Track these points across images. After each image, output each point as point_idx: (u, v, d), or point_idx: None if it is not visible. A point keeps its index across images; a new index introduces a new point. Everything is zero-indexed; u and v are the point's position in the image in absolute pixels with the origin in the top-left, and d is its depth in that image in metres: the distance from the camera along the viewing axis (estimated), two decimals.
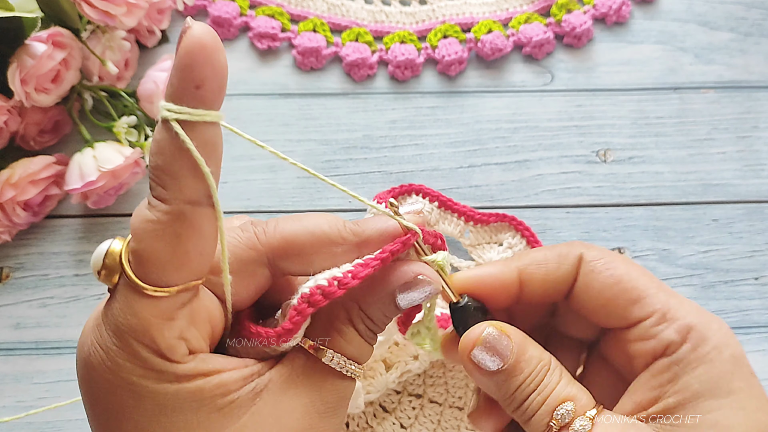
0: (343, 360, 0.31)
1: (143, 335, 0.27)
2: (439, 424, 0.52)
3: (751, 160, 0.64)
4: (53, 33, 0.54)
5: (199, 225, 0.27)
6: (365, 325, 0.32)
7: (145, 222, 0.27)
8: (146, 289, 0.27)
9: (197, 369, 0.29)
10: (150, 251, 0.27)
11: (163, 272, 0.27)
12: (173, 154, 0.26)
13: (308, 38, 0.67)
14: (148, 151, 0.58)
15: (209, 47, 0.25)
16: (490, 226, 0.59)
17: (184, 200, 0.27)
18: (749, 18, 0.70)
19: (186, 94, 0.26)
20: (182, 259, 0.27)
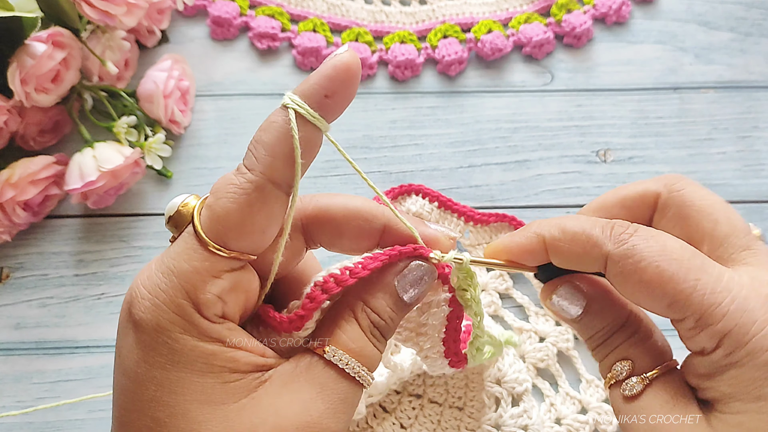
0: (345, 356, 0.31)
1: (187, 281, 0.29)
2: (439, 424, 0.52)
3: (751, 160, 0.64)
4: (53, 33, 0.54)
5: (271, 204, 0.30)
6: (370, 319, 0.33)
7: (228, 184, 0.30)
8: (207, 243, 0.30)
9: (220, 334, 0.30)
10: (222, 210, 0.30)
11: (227, 233, 0.30)
12: (279, 137, 0.30)
13: (308, 38, 0.67)
14: (147, 151, 0.59)
15: (353, 73, 0.30)
16: (490, 226, 0.59)
17: (269, 177, 0.30)
18: (749, 18, 0.70)
19: (314, 96, 0.30)
20: (246, 228, 0.30)
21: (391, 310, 0.33)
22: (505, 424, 0.51)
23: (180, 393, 0.29)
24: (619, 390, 0.34)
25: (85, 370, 0.54)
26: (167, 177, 0.61)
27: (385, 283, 0.33)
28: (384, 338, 0.34)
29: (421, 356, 0.39)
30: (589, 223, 0.33)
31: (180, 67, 0.62)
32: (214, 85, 0.66)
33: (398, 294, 0.33)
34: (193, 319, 0.29)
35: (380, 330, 0.33)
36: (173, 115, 0.61)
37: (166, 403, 0.29)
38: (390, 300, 0.33)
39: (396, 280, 0.33)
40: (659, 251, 0.31)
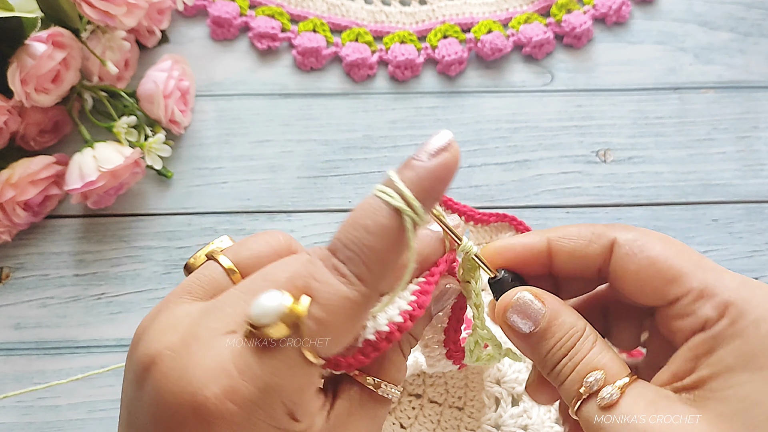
0: (392, 388, 0.32)
1: (290, 399, 0.27)
2: (438, 424, 0.52)
3: (751, 160, 0.64)
4: (53, 33, 0.54)
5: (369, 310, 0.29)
6: (410, 344, 0.33)
7: (342, 297, 0.27)
8: (315, 359, 0.27)
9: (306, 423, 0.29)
10: (335, 326, 0.27)
11: (334, 347, 0.28)
12: (394, 245, 0.27)
13: (308, 38, 0.67)
14: (148, 151, 0.59)
15: (458, 168, 0.29)
16: (491, 226, 0.59)
17: (379, 291, 0.28)
18: (749, 18, 0.70)
19: (428, 201, 0.28)
20: (350, 339, 0.29)
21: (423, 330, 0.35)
22: (505, 424, 0.51)
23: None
24: (594, 402, 0.31)
25: (86, 370, 0.54)
26: (167, 177, 0.61)
27: (427, 313, 0.34)
28: None
29: (421, 345, 0.39)
30: (589, 224, 0.35)
31: (180, 67, 0.62)
32: (214, 85, 0.66)
33: (431, 314, 0.35)
34: (289, 427, 0.27)
35: (413, 348, 0.34)
36: (173, 115, 0.61)
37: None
38: (427, 323, 0.35)
39: (433, 306, 0.34)
40: (663, 238, 0.33)
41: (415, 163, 0.29)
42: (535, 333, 0.33)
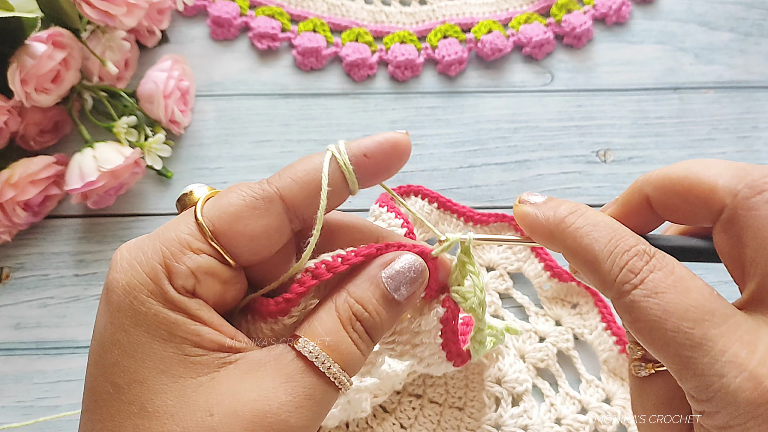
0: (316, 349, 0.30)
1: (167, 246, 0.30)
2: (438, 425, 0.52)
3: (751, 160, 0.64)
4: (53, 33, 0.54)
5: (271, 217, 0.31)
6: (352, 311, 0.31)
7: (244, 185, 0.32)
8: (196, 214, 0.31)
9: (187, 306, 0.30)
10: (225, 200, 0.32)
11: (220, 217, 0.31)
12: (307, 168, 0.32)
13: (308, 38, 0.67)
14: (148, 151, 0.59)
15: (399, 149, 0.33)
16: (490, 226, 0.59)
17: (281, 195, 0.31)
18: (749, 18, 0.70)
19: (355, 150, 0.32)
20: (239, 225, 0.31)
21: (377, 303, 0.32)
22: (505, 424, 0.51)
23: (140, 359, 0.29)
24: (631, 365, 0.34)
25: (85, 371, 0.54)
26: (167, 177, 0.61)
27: (371, 274, 0.32)
28: (369, 337, 0.32)
29: (423, 366, 0.38)
30: (605, 247, 0.31)
31: (180, 67, 0.62)
32: (214, 85, 0.66)
33: (385, 288, 0.32)
34: (162, 285, 0.29)
35: (364, 325, 0.31)
36: (173, 115, 0.61)
37: (126, 368, 0.29)
38: (376, 292, 0.32)
39: (383, 272, 0.32)
40: (658, 316, 0.29)
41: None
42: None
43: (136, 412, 0.28)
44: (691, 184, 0.32)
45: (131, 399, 0.28)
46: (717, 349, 0.27)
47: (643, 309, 0.29)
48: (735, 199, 0.30)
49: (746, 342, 0.28)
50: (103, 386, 0.29)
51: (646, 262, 0.30)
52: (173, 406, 0.28)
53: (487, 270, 0.58)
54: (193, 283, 0.30)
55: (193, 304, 0.30)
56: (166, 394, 0.28)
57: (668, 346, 0.28)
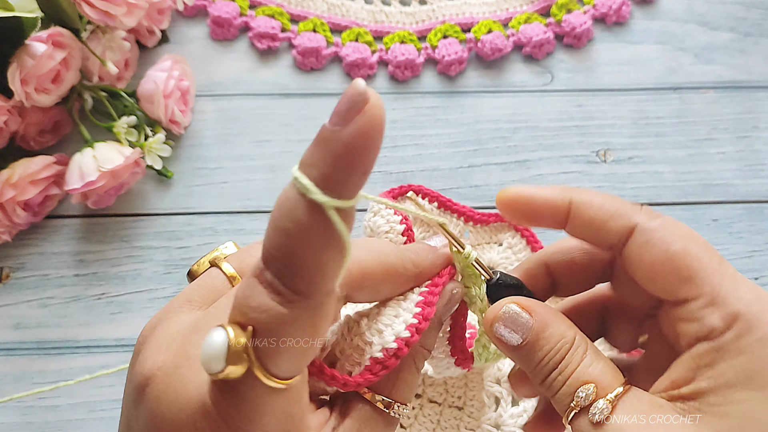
0: (403, 408, 0.31)
1: (278, 427, 0.26)
2: (438, 424, 0.52)
3: (751, 160, 0.64)
4: (53, 33, 0.54)
5: (331, 311, 0.26)
6: (424, 359, 0.33)
7: (284, 322, 0.24)
8: (280, 384, 0.25)
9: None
10: (288, 349, 0.24)
11: (297, 365, 0.26)
12: (324, 245, 0.23)
13: (308, 38, 0.67)
14: (148, 151, 0.59)
15: (383, 129, 0.23)
16: (490, 226, 0.58)
17: (326, 293, 0.25)
18: (749, 18, 0.70)
19: (351, 180, 0.23)
20: (316, 346, 0.26)
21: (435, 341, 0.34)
22: (505, 423, 0.51)
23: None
24: (586, 418, 0.31)
25: (86, 371, 0.54)
26: (167, 177, 0.61)
27: (437, 320, 0.34)
28: None
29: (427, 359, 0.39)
30: (617, 198, 0.33)
31: (180, 67, 0.62)
32: (214, 85, 0.66)
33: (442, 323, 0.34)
34: None
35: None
36: (173, 115, 0.61)
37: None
38: (438, 333, 0.34)
39: (442, 314, 0.34)
40: (688, 232, 0.31)
41: (327, 135, 0.22)
42: (524, 346, 0.32)
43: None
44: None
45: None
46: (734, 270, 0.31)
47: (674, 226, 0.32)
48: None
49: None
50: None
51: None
52: None
53: None
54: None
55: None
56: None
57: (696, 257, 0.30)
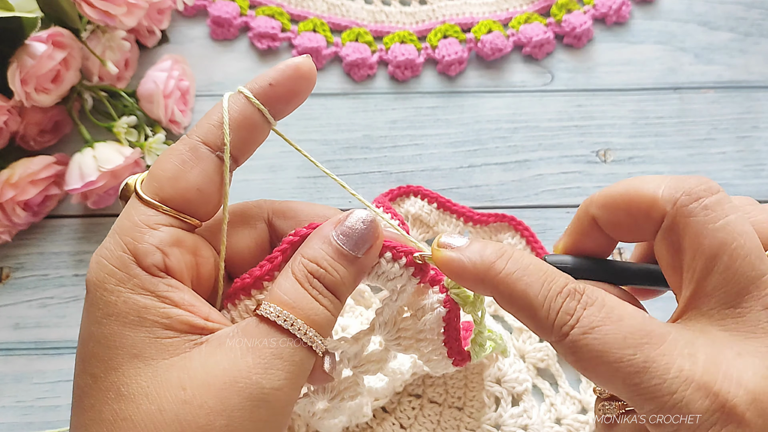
0: (276, 308, 0.31)
1: (126, 234, 0.31)
2: (438, 425, 0.52)
3: (751, 160, 0.64)
4: (53, 33, 0.54)
5: (204, 163, 0.32)
6: (307, 269, 0.32)
7: (168, 148, 0.33)
8: (140, 195, 0.32)
9: (156, 288, 0.30)
10: (158, 168, 0.32)
11: (161, 188, 0.32)
12: (218, 109, 0.33)
13: (308, 38, 0.67)
14: (148, 151, 0.59)
15: (301, 72, 0.34)
16: (490, 226, 0.59)
17: (203, 140, 0.33)
18: (749, 18, 0.70)
19: (260, 81, 0.33)
20: (180, 183, 0.32)
21: (332, 260, 0.32)
22: (505, 423, 0.51)
23: (113, 347, 0.29)
24: (599, 407, 0.33)
25: None
26: None
27: (323, 233, 0.33)
28: (331, 291, 0.32)
29: (424, 360, 0.39)
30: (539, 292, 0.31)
31: (180, 67, 0.62)
32: (214, 85, 0.66)
33: (338, 244, 0.32)
34: (130, 270, 0.30)
35: (322, 280, 0.32)
36: (173, 115, 0.61)
37: (101, 358, 0.30)
38: (329, 249, 0.32)
39: (333, 230, 0.33)
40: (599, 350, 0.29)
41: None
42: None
43: (113, 398, 0.29)
44: (631, 198, 0.33)
45: (108, 386, 0.29)
46: (662, 368, 0.28)
47: (583, 347, 0.29)
48: (674, 207, 0.31)
49: (687, 355, 0.28)
50: (83, 379, 0.30)
51: (578, 301, 0.30)
52: (147, 387, 0.29)
53: None
54: (162, 257, 0.31)
55: (163, 285, 0.31)
56: (139, 377, 0.29)
57: (615, 378, 0.28)
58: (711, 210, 0.30)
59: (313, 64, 0.34)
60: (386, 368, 0.48)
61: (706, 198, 0.31)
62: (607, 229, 0.35)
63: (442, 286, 0.37)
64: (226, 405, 0.28)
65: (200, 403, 0.28)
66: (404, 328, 0.38)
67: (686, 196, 0.31)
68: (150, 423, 0.28)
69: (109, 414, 0.29)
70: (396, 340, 0.38)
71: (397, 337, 0.38)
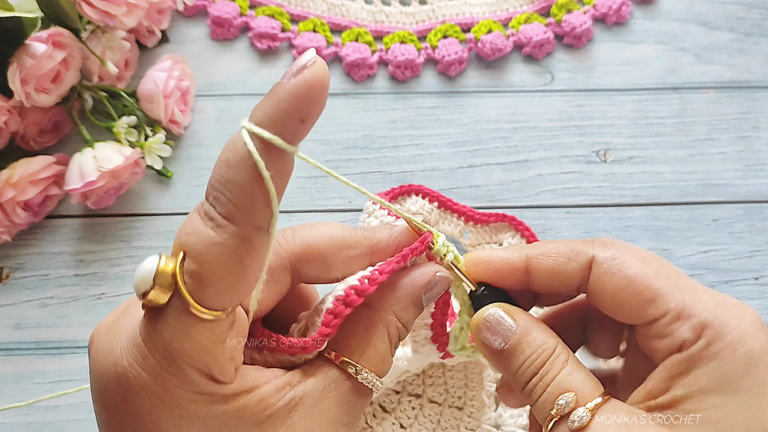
0: (372, 376, 0.31)
1: (199, 361, 0.27)
2: (438, 424, 0.52)
3: (751, 160, 0.64)
4: (53, 33, 0.54)
5: (260, 251, 0.27)
6: (399, 332, 0.32)
7: (211, 244, 0.26)
8: (203, 313, 0.26)
9: (241, 387, 0.29)
10: (213, 275, 0.26)
11: (223, 297, 0.27)
12: (254, 178, 0.25)
13: (308, 38, 0.67)
14: (148, 151, 0.59)
15: (325, 88, 0.26)
16: (490, 226, 0.59)
17: (254, 225, 0.26)
18: (749, 18, 0.70)
19: (289, 124, 0.26)
20: (242, 284, 0.27)
21: (414, 320, 0.33)
22: (505, 423, 0.51)
23: None
24: (565, 425, 0.31)
25: (86, 370, 0.54)
26: (167, 177, 0.61)
27: (415, 296, 0.33)
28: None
29: (410, 343, 0.39)
30: (569, 240, 0.34)
31: (180, 67, 0.62)
32: (214, 85, 0.66)
33: (422, 303, 0.33)
34: (214, 390, 0.28)
35: (401, 339, 0.33)
36: (173, 115, 0.61)
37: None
38: (418, 312, 0.33)
39: (425, 295, 0.33)
40: (642, 255, 0.32)
41: (275, 86, 0.26)
42: (505, 350, 0.33)
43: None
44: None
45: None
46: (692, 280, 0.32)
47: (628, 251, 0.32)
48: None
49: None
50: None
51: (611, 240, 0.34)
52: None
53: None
54: (233, 363, 0.29)
55: (241, 378, 0.29)
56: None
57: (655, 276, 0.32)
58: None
59: (326, 65, 0.27)
60: None
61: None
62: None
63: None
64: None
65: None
66: None
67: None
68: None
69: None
70: None
71: None
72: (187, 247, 0.26)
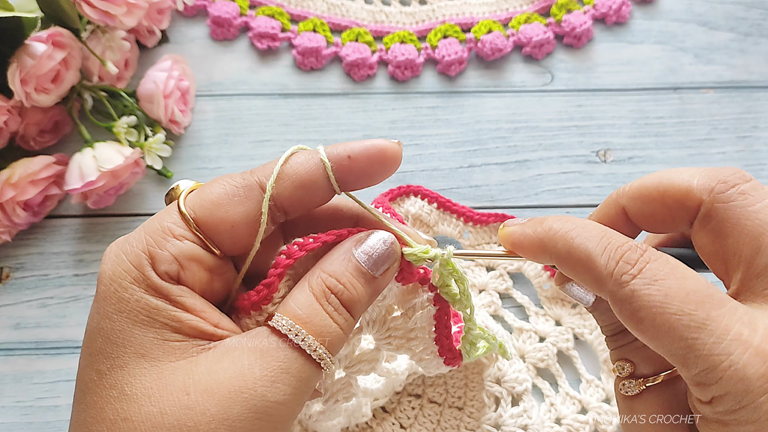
0: (288, 321, 0.31)
1: (151, 235, 0.31)
2: (438, 424, 0.52)
3: (751, 160, 0.64)
4: (53, 33, 0.54)
5: (250, 203, 0.32)
6: (325, 284, 0.32)
7: (226, 176, 0.33)
8: (179, 203, 0.32)
9: (169, 292, 0.30)
10: (207, 189, 0.33)
11: (201, 205, 0.32)
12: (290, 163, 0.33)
13: (308, 38, 0.67)
14: (147, 151, 0.59)
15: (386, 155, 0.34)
16: (489, 226, 0.59)
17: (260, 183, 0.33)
18: (749, 18, 0.70)
19: (339, 152, 0.33)
20: (219, 212, 0.32)
21: (351, 277, 0.32)
22: (505, 423, 0.51)
23: (121, 344, 0.30)
24: (619, 385, 0.34)
25: None
26: (167, 177, 0.61)
27: (345, 249, 0.33)
28: (347, 309, 0.32)
29: (416, 359, 0.39)
30: (597, 244, 0.31)
31: (180, 67, 0.62)
32: (214, 85, 0.66)
33: (359, 262, 0.33)
34: (145, 271, 0.30)
35: (340, 298, 0.32)
36: (173, 115, 0.61)
37: (108, 354, 0.30)
38: (349, 266, 0.32)
39: (355, 248, 0.33)
40: (660, 301, 0.29)
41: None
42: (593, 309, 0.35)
43: (116, 396, 0.29)
44: (666, 188, 0.33)
45: (112, 384, 0.29)
46: (721, 328, 0.28)
47: (644, 296, 0.29)
48: (711, 194, 0.32)
49: (746, 322, 0.28)
50: (88, 374, 0.30)
51: (641, 254, 0.30)
52: (150, 388, 0.29)
53: (487, 270, 0.58)
54: (177, 268, 0.31)
55: (176, 290, 0.31)
56: (144, 377, 0.29)
57: (673, 331, 0.28)
58: (748, 195, 0.31)
59: (400, 150, 0.34)
60: (381, 368, 0.48)
61: (741, 184, 0.32)
62: (638, 220, 0.35)
63: (431, 284, 0.37)
64: (228, 414, 0.29)
65: (202, 410, 0.28)
66: (395, 327, 0.38)
67: (722, 184, 0.32)
68: (150, 425, 0.28)
69: (111, 413, 0.29)
70: (387, 339, 0.38)
71: (387, 336, 0.38)
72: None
